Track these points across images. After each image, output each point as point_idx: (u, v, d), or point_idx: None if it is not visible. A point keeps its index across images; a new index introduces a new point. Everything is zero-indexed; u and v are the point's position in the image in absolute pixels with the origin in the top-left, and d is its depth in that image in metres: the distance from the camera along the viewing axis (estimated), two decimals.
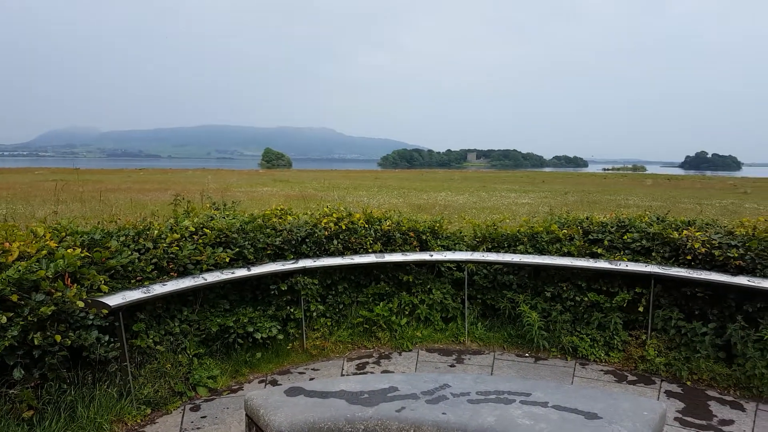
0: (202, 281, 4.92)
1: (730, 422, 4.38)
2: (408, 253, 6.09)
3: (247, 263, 5.50)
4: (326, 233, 5.99)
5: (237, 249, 5.44)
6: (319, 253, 5.97)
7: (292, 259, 5.79)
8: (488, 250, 6.39)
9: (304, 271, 5.72)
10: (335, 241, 6.01)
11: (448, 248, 6.44)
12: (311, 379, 5.12)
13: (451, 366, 5.51)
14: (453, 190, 32.82)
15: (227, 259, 5.30)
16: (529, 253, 6.07)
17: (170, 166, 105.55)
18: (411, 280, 6.24)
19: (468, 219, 7.34)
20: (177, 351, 4.93)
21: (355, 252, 6.07)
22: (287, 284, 5.67)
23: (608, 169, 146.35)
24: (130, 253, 4.77)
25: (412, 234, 6.32)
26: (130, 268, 4.69)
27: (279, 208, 6.51)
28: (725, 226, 5.52)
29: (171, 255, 5.01)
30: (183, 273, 5.04)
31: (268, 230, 5.80)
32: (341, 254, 6.01)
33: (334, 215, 6.27)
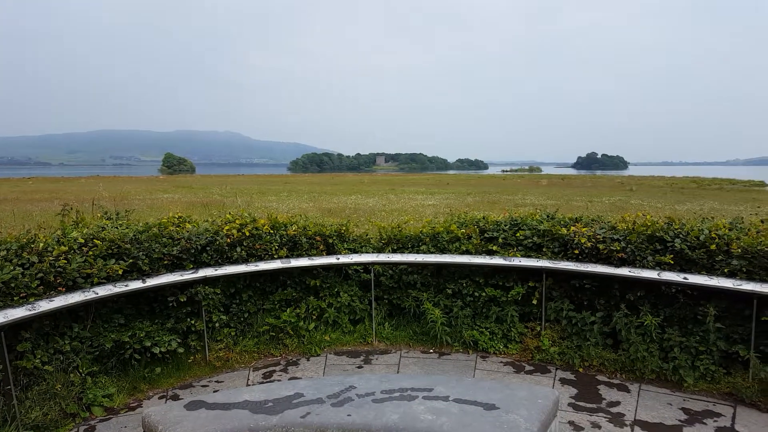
0: (93, 296, 4.63)
1: (617, 403, 4.73)
2: (315, 258, 6.05)
3: (143, 275, 5.22)
4: (228, 240, 5.81)
5: (131, 260, 5.14)
6: (222, 261, 5.78)
7: (192, 268, 5.57)
8: (393, 251, 6.50)
9: (205, 281, 5.52)
10: (239, 248, 5.85)
11: (354, 251, 6.47)
12: (215, 391, 4.95)
13: (359, 367, 5.54)
14: (363, 193, 33.07)
15: (120, 272, 5.01)
16: (432, 253, 6.25)
17: (62, 174, 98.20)
18: (318, 284, 6.21)
19: (374, 221, 7.42)
20: (68, 370, 4.63)
21: (260, 258, 5.94)
22: (187, 295, 5.45)
23: (507, 171, 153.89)
24: (12, 268, 4.41)
25: (318, 238, 6.29)
26: (12, 284, 4.34)
27: (176, 216, 6.24)
28: (609, 222, 5.97)
29: (58, 269, 4.67)
30: (72, 287, 4.71)
31: (164, 239, 5.53)
32: (245, 261, 5.85)
33: (237, 221, 6.10)
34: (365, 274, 6.40)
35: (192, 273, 5.44)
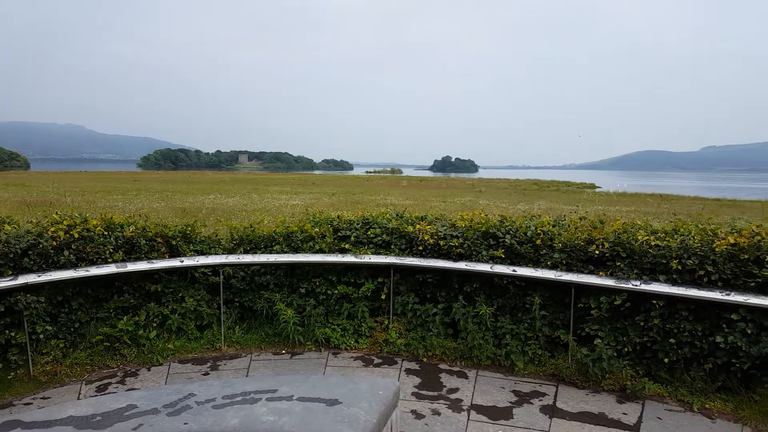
0: None
1: (456, 390, 5.05)
2: (155, 261, 5.69)
3: None
4: (55, 243, 5.26)
5: None
6: (47, 266, 5.22)
7: (11, 275, 4.98)
8: (246, 251, 6.33)
9: (27, 289, 4.97)
10: (67, 252, 5.32)
11: (202, 252, 6.20)
12: (40, 408, 4.46)
13: (205, 374, 5.32)
14: (223, 192, 31.80)
15: None
16: (285, 252, 6.19)
17: None
18: (160, 289, 5.85)
19: (224, 221, 7.17)
20: None
21: (92, 263, 5.45)
22: (4, 305, 4.88)
23: (371, 172, 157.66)
24: None
25: (160, 240, 5.92)
26: None
27: None
28: (449, 220, 6.35)
29: None
30: None
31: None
32: (74, 266, 5.34)
33: (65, 222, 5.54)
34: (214, 277, 6.16)
35: (10, 280, 4.87)
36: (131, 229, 5.80)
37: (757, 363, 4.63)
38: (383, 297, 6.05)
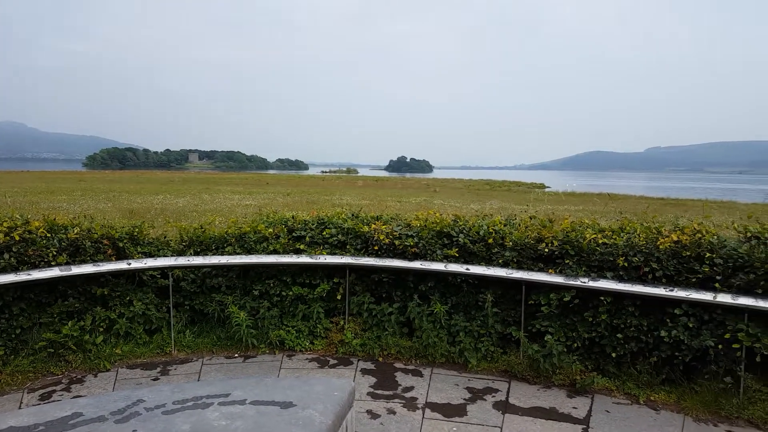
0: None
1: (411, 388, 5.09)
2: (101, 264, 5.49)
3: None
4: None
5: None
6: None
7: None
8: (196, 253, 6.19)
9: None
10: (7, 255, 5.07)
11: (150, 255, 6.02)
12: None
13: (154, 379, 5.17)
14: (173, 192, 31.00)
15: None
16: (238, 254, 6.08)
17: None
18: (107, 293, 5.65)
19: (173, 222, 6.99)
20: None
21: (35, 266, 5.22)
22: None
23: (326, 172, 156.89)
24: None
25: (106, 242, 5.71)
26: None
27: None
28: (405, 220, 6.39)
29: None
30: None
31: None
32: (15, 270, 5.09)
33: (5, 224, 5.28)
34: (163, 280, 5.99)
35: None
36: (76, 231, 5.57)
37: (698, 355, 4.86)
38: (339, 297, 6.03)
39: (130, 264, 5.55)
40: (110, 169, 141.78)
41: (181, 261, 5.78)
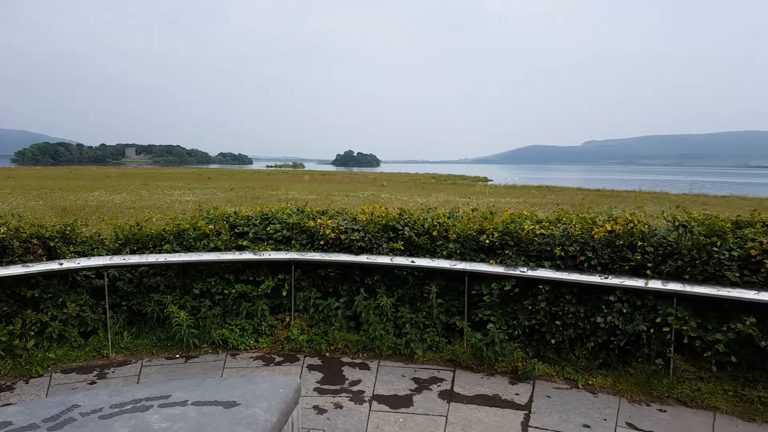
0: None
1: (359, 382, 5.09)
2: (31, 264, 5.19)
3: None
4: None
5: None
6: None
7: None
8: (132, 252, 5.95)
9: None
10: None
11: (84, 254, 5.75)
12: None
13: (91, 383, 4.95)
14: (109, 188, 29.77)
15: None
16: (176, 252, 5.89)
17: None
18: (38, 294, 5.36)
19: (108, 220, 6.70)
20: None
21: None
22: None
23: (271, 166, 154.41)
24: None
25: (36, 241, 5.41)
26: None
27: None
28: (351, 214, 6.37)
29: None
30: None
31: None
32: None
33: None
34: (98, 280, 5.74)
35: None
36: (2, 231, 5.25)
37: (632, 339, 5.09)
38: (284, 294, 5.95)
39: (62, 264, 5.28)
40: (41, 165, 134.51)
41: (117, 260, 5.55)
